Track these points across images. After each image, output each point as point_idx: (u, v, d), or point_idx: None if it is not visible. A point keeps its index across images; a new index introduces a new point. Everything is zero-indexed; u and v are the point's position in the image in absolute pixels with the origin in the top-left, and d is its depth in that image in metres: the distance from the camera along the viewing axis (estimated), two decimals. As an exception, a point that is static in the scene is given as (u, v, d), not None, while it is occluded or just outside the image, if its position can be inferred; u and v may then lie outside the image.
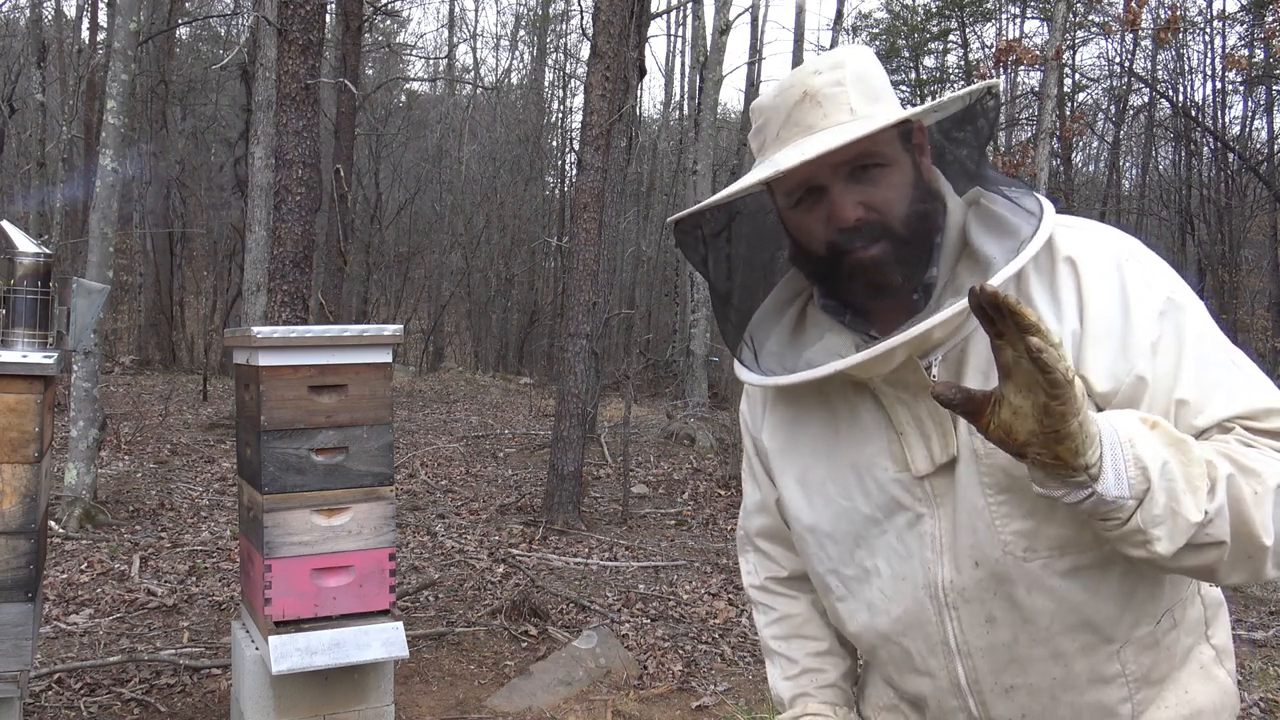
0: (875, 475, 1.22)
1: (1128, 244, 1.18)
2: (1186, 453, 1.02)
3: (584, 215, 7.20)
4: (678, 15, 23.86)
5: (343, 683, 3.08)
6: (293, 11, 5.99)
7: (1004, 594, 1.17)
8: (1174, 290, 1.15)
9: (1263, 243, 19.19)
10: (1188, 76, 20.13)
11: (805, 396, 1.30)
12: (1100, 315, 1.12)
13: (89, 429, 6.42)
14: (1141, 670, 1.21)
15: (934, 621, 1.22)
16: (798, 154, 1.12)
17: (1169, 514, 1.00)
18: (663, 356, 19.96)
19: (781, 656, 1.46)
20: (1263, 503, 1.04)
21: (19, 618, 2.42)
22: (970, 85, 1.22)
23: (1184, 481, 1.01)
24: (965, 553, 1.18)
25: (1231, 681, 1.29)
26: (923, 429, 1.18)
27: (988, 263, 1.15)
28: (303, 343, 2.96)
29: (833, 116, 1.16)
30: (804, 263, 1.26)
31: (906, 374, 1.17)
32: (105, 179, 6.48)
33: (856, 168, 1.16)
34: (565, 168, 25.94)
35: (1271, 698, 4.15)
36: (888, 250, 1.16)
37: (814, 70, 1.18)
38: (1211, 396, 1.11)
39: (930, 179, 1.22)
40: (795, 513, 1.32)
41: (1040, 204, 1.17)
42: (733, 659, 4.49)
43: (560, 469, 7.04)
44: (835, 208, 1.16)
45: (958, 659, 1.23)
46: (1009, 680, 1.22)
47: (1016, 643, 1.19)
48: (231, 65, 14.79)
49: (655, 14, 14.42)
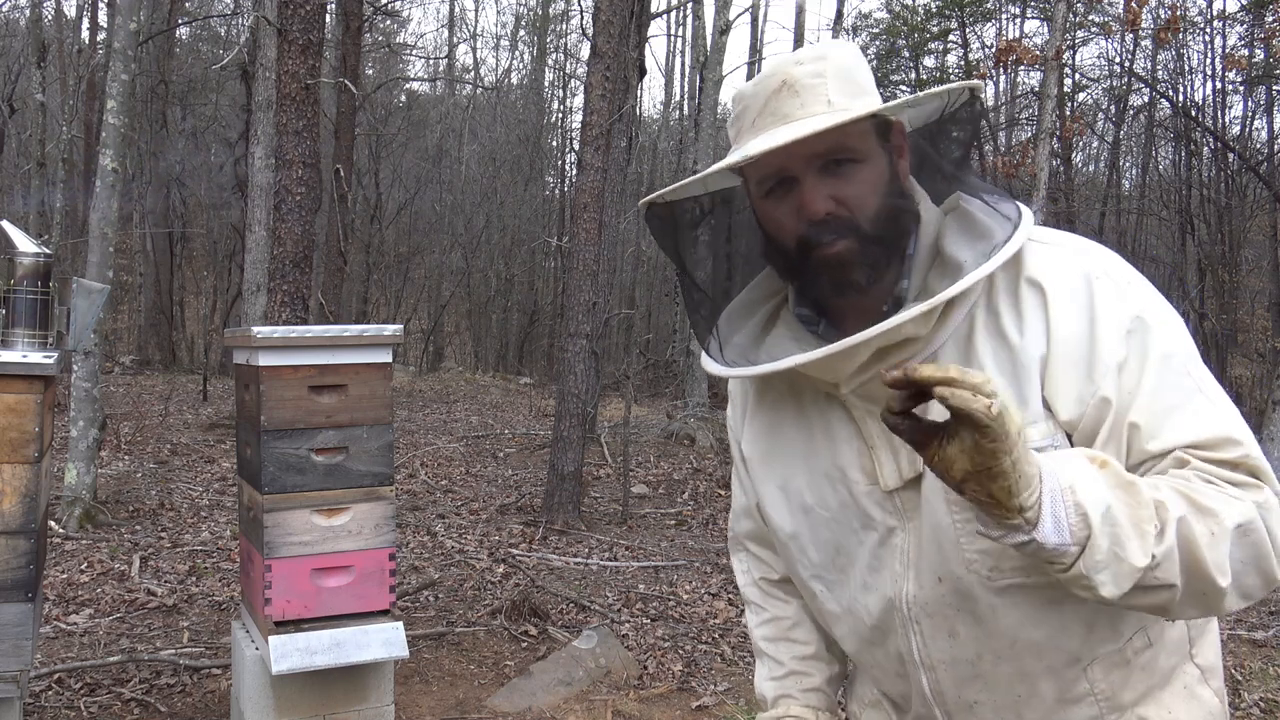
0: (849, 487, 1.21)
1: (1103, 261, 1.15)
2: (1134, 495, 1.00)
3: (584, 215, 7.20)
4: (678, 15, 23.89)
5: (343, 683, 3.07)
6: (293, 11, 6.00)
7: (967, 610, 1.16)
8: (1145, 309, 1.11)
9: (1263, 243, 19.18)
10: (1188, 76, 20.13)
11: (782, 405, 1.29)
12: (1067, 337, 1.10)
13: (89, 429, 6.42)
14: (1111, 689, 1.19)
15: (899, 633, 1.22)
16: (769, 141, 1.10)
17: (1113, 559, 0.98)
18: (663, 356, 19.96)
19: (769, 657, 1.47)
20: (1219, 544, 1.01)
21: (19, 618, 2.42)
22: (948, 85, 1.19)
23: (1130, 526, 0.98)
24: (929, 568, 1.17)
25: (1218, 701, 1.27)
26: (892, 443, 1.17)
27: (957, 267, 1.13)
28: (303, 343, 2.96)
29: (809, 107, 1.14)
30: (775, 257, 1.24)
31: (875, 387, 1.15)
32: (105, 179, 6.48)
33: (830, 161, 1.14)
34: (565, 168, 25.96)
35: (1271, 698, 4.15)
36: (854, 247, 1.14)
37: (796, 61, 1.16)
38: (1165, 422, 1.08)
39: (906, 184, 1.20)
40: (778, 521, 1.32)
41: (1019, 210, 1.15)
42: (733, 659, 4.49)
43: (560, 469, 7.04)
44: (804, 200, 1.15)
45: (921, 671, 1.23)
46: (972, 695, 1.21)
47: (980, 659, 1.19)
48: (231, 65, 14.79)
49: (655, 14, 14.42)
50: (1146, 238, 21.57)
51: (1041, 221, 9.58)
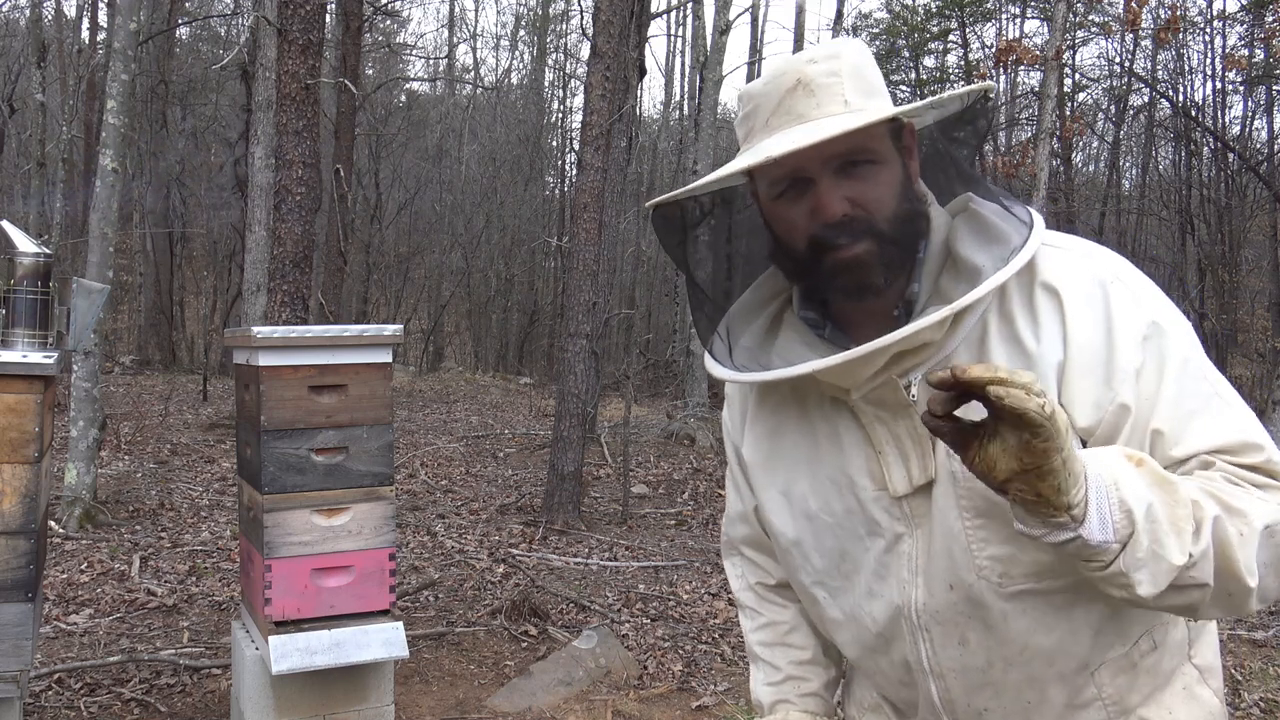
0: (856, 493, 1.20)
1: (1114, 265, 1.15)
2: (1173, 494, 1.00)
3: (584, 215, 7.20)
4: (678, 15, 23.89)
5: (343, 683, 3.07)
6: (293, 11, 6.00)
7: (978, 618, 1.16)
8: (1159, 314, 1.11)
9: (1263, 243, 19.17)
10: (1188, 76, 20.13)
11: (785, 409, 1.27)
12: (1085, 344, 1.09)
13: (89, 429, 6.42)
14: (1119, 693, 1.19)
15: (908, 641, 1.21)
16: (789, 142, 1.07)
17: (1152, 557, 0.98)
18: (663, 356, 19.96)
19: (766, 663, 1.45)
20: (1248, 544, 1.01)
21: (19, 618, 2.42)
22: (969, 86, 1.18)
23: (1169, 524, 0.98)
24: (939, 575, 1.16)
25: (1217, 700, 1.28)
26: (901, 449, 1.15)
27: (974, 271, 1.11)
28: (303, 343, 2.96)
29: (826, 107, 1.12)
30: (784, 259, 1.22)
31: (885, 393, 1.14)
32: (105, 179, 6.48)
33: (846, 162, 1.12)
34: (565, 168, 25.96)
35: (1271, 698, 4.15)
36: (872, 250, 1.12)
37: (809, 59, 1.14)
38: (1188, 427, 1.08)
39: (917, 185, 1.19)
40: (780, 526, 1.30)
41: (1031, 214, 1.14)
42: (733, 659, 4.49)
43: (560, 469, 7.04)
44: (821, 201, 1.12)
45: (930, 679, 1.22)
46: (982, 703, 1.21)
47: (990, 666, 1.18)
48: (231, 65, 14.79)
49: (655, 14, 14.42)
50: (1146, 238, 21.57)
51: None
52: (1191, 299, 17.39)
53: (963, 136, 1.20)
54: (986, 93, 1.16)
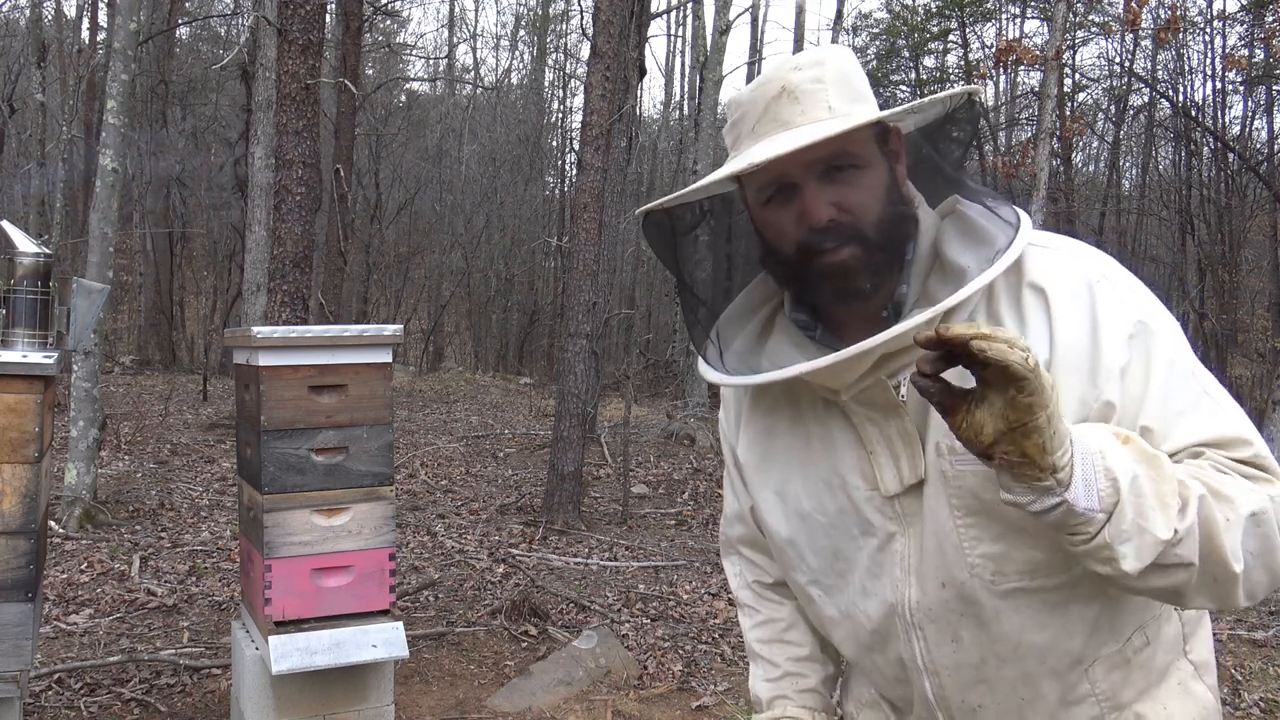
0: (848, 493, 1.21)
1: (1100, 265, 1.15)
2: (1159, 469, 1.00)
3: (584, 215, 7.20)
4: (678, 15, 23.90)
5: (343, 683, 3.08)
6: (293, 11, 6.00)
7: (971, 615, 1.17)
8: (1146, 313, 1.12)
9: (1263, 243, 19.18)
10: (1188, 76, 20.13)
11: (778, 411, 1.29)
12: (1070, 342, 1.09)
13: (89, 429, 6.42)
14: (1112, 688, 1.20)
15: (902, 639, 1.22)
16: (773, 148, 1.09)
17: (1137, 530, 0.98)
18: (663, 356, 19.96)
19: (764, 659, 1.47)
20: (1233, 529, 1.02)
21: (19, 618, 2.42)
22: (952, 90, 1.19)
23: (1154, 498, 0.99)
24: (931, 574, 1.17)
25: (1212, 695, 1.28)
26: (892, 449, 1.16)
27: (960, 272, 1.12)
28: (303, 343, 2.96)
29: (810, 113, 1.13)
30: (773, 264, 1.23)
31: (875, 393, 1.15)
32: (105, 179, 6.48)
33: (831, 167, 1.13)
34: (565, 168, 25.96)
35: (1271, 698, 4.15)
36: (858, 254, 1.13)
37: (794, 66, 1.15)
38: (1176, 423, 1.09)
39: (905, 189, 1.20)
40: (774, 526, 1.31)
41: (1017, 214, 1.15)
42: (733, 659, 4.49)
43: (560, 469, 7.04)
44: (807, 207, 1.14)
45: (925, 676, 1.23)
46: (976, 700, 1.22)
47: (984, 663, 1.19)
48: (231, 65, 14.80)
49: (655, 14, 14.43)
50: (1146, 238, 21.58)
51: (1042, 222, 9.58)
52: (1191, 299, 17.40)
53: (949, 139, 1.21)
54: (970, 96, 1.17)
